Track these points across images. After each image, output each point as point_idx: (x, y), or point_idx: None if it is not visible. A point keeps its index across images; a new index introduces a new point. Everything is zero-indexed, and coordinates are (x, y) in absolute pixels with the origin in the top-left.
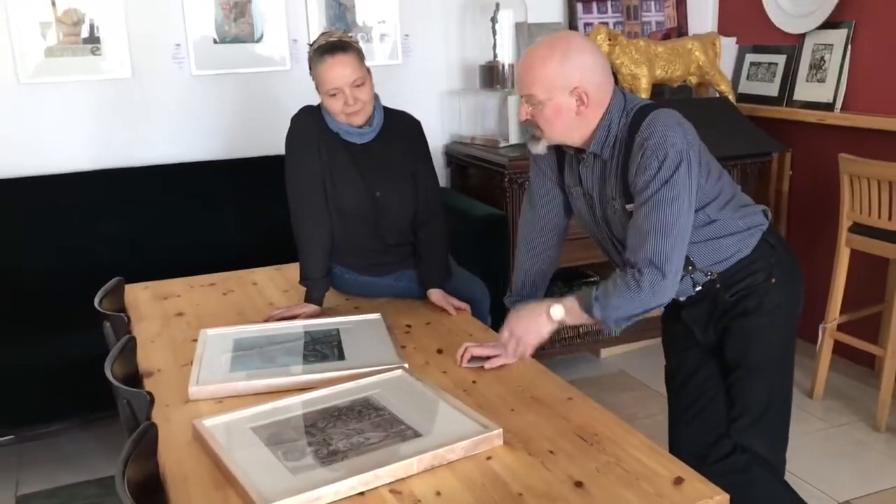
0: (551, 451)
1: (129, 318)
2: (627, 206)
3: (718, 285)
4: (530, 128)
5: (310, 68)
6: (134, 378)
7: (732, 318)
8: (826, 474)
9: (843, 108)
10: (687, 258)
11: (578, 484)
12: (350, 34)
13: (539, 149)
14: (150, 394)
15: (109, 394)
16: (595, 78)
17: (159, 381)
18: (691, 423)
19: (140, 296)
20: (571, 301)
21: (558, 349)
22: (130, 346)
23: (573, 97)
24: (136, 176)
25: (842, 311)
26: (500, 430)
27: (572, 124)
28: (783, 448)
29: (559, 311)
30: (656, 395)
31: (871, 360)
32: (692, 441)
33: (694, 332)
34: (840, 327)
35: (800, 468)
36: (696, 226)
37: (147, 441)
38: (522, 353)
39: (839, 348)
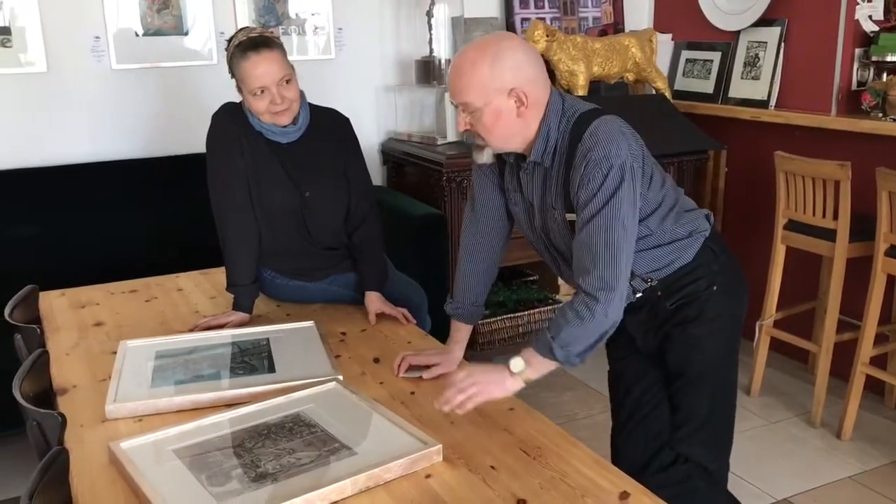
0: (493, 467)
1: (41, 329)
2: (568, 216)
3: (659, 293)
4: (472, 137)
5: (230, 67)
6: (47, 395)
7: (673, 326)
8: (764, 472)
9: (777, 106)
10: None
11: (521, 501)
12: (272, 29)
13: (484, 158)
14: (61, 415)
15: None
16: (529, 75)
17: (74, 399)
18: (634, 432)
19: (55, 304)
20: (528, 351)
21: (497, 349)
22: (42, 361)
23: (511, 98)
24: (52, 176)
25: (777, 308)
26: (440, 445)
27: (514, 128)
28: (726, 456)
29: (518, 363)
30: (596, 394)
31: (805, 355)
32: (634, 449)
33: (635, 339)
34: (775, 324)
35: (738, 466)
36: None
37: (57, 468)
38: (476, 399)
39: (774, 343)
